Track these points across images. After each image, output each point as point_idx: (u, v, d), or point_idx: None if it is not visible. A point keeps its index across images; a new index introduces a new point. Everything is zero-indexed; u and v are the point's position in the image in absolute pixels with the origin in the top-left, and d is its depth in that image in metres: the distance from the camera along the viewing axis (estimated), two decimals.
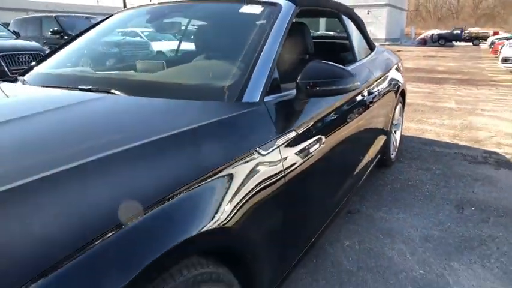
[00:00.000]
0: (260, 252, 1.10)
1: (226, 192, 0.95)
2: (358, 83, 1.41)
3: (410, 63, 13.44)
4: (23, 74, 1.92)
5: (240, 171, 1.02)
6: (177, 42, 2.25)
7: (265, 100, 1.27)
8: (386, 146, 2.84)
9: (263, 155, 1.12)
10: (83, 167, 0.81)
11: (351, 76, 1.37)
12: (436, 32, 39.71)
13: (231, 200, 0.95)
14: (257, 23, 1.54)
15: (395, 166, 3.18)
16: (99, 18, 10.58)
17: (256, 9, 1.61)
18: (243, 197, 1.00)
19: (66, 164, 0.80)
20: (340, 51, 2.63)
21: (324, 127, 1.52)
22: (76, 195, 0.75)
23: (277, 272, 1.27)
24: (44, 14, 10.02)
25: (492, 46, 19.58)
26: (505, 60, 8.98)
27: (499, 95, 6.82)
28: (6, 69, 6.70)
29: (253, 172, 1.06)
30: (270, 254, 1.17)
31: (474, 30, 41.19)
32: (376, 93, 2.28)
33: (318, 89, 1.34)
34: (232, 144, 1.08)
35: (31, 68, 1.95)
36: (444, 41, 35.88)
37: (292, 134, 1.28)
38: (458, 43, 36.56)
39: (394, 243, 2.05)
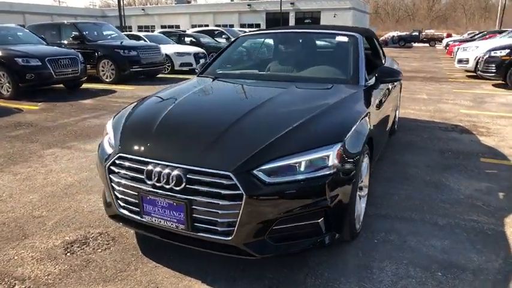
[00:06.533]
0: (375, 143, 2.55)
1: (367, 116, 2.40)
2: (401, 76, 2.94)
3: None
4: (201, 73, 3.28)
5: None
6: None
7: (365, 84, 2.76)
8: (395, 117, 4.41)
9: (369, 104, 2.58)
10: (324, 110, 2.22)
11: (399, 72, 2.88)
12: (396, 33, 42.83)
13: (369, 121, 2.40)
14: (349, 46, 3.02)
15: (397, 135, 4.76)
16: (104, 23, 11.75)
17: (345, 38, 3.10)
18: (373, 118, 2.46)
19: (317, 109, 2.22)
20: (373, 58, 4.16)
21: (383, 96, 3.01)
22: (325, 119, 2.17)
23: (377, 154, 2.74)
24: (63, 21, 10.84)
25: (447, 48, 22.18)
26: (460, 61, 11.03)
27: (457, 88, 8.72)
28: (52, 71, 7.71)
29: (370, 101, 2.52)
30: (376, 144, 2.62)
31: (430, 32, 44.91)
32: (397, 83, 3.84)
33: (384, 79, 2.84)
34: (358, 99, 2.53)
35: (204, 70, 3.30)
36: (404, 42, 38.94)
37: (375, 97, 2.77)
38: (416, 44, 39.84)
39: (409, 168, 3.59)
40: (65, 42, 10.02)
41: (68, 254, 2.23)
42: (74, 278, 2.00)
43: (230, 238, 1.81)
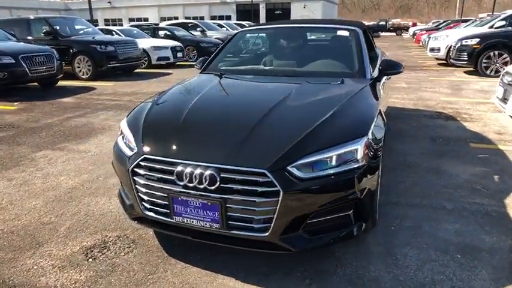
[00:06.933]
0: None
1: (380, 108, 2.48)
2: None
3: None
4: (204, 70, 3.24)
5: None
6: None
7: (370, 77, 2.83)
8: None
9: (378, 96, 2.65)
10: (341, 106, 2.27)
11: (401, 64, 2.97)
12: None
13: (382, 113, 2.48)
14: (350, 39, 3.08)
15: (388, 123, 4.90)
16: (76, 17, 11.29)
17: (346, 32, 3.16)
18: (381, 109, 2.54)
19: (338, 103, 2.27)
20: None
21: (384, 87, 3.12)
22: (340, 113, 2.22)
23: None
24: (29, 16, 10.28)
25: (415, 36, 22.94)
26: (432, 49, 11.49)
27: (432, 76, 9.07)
28: (26, 69, 7.33)
29: (378, 94, 2.60)
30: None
31: (396, 21, 46.19)
32: None
33: (387, 71, 2.93)
34: (369, 92, 2.60)
35: (206, 67, 3.26)
36: (372, 31, 39.90)
37: (379, 87, 2.85)
38: (383, 33, 40.93)
39: (406, 155, 3.73)
40: (36, 38, 9.52)
41: (90, 259, 2.17)
42: (103, 284, 1.96)
43: (266, 234, 1.83)
